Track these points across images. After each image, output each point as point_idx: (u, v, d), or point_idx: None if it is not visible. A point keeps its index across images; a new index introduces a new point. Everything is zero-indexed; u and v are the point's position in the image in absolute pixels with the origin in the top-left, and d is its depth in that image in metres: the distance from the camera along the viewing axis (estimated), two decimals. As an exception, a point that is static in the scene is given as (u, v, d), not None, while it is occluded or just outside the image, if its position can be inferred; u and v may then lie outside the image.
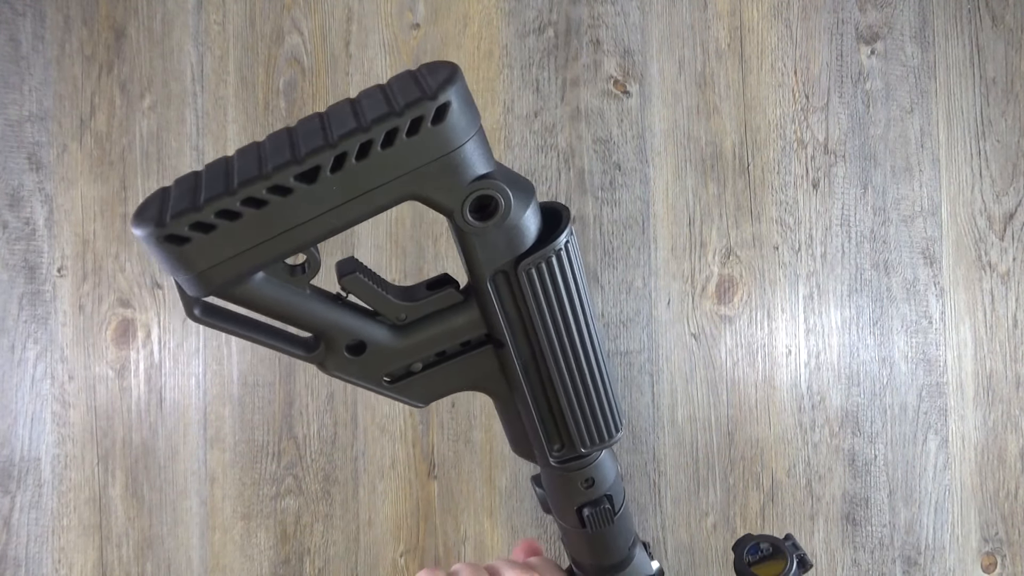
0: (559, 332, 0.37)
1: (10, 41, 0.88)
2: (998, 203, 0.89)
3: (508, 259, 0.34)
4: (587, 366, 0.38)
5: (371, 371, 0.36)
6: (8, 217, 0.88)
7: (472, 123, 0.31)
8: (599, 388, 0.39)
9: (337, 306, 0.35)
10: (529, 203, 0.34)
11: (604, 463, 0.44)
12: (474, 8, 0.89)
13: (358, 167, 0.28)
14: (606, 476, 0.44)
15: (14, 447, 0.87)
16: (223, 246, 0.28)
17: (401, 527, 0.87)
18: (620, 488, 0.45)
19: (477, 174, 0.31)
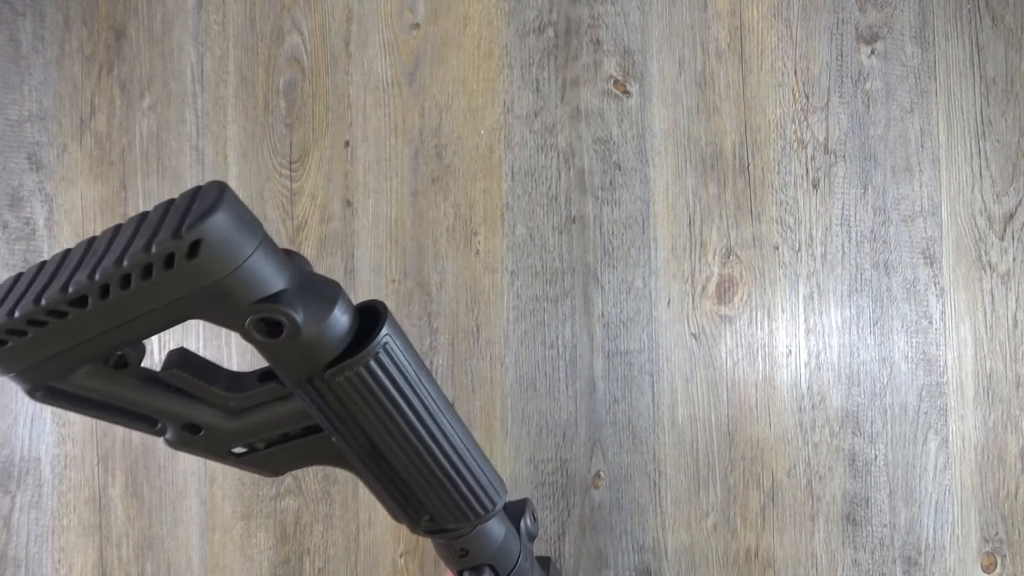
0: (390, 430, 0.37)
1: (10, 41, 0.88)
2: (998, 203, 0.89)
3: (312, 371, 0.34)
4: (432, 456, 0.38)
5: (213, 448, 0.37)
6: (8, 217, 0.88)
7: (243, 247, 0.30)
8: (453, 473, 0.40)
9: (166, 392, 0.35)
10: (327, 315, 0.33)
11: (481, 534, 0.44)
12: (474, 8, 0.89)
13: (130, 292, 0.29)
14: (483, 546, 0.45)
15: (14, 447, 0.87)
16: (38, 349, 0.30)
17: (401, 527, 0.87)
18: (508, 554, 0.46)
19: (257, 296, 0.31)
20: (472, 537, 0.44)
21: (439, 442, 0.38)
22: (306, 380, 0.34)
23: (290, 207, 0.89)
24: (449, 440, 0.39)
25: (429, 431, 0.38)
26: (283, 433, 0.38)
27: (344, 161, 0.88)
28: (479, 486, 0.41)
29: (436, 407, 0.38)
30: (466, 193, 0.88)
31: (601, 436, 0.87)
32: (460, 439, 0.40)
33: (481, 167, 0.88)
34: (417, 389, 0.37)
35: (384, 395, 0.35)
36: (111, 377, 0.33)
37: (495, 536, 0.45)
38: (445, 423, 0.39)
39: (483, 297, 0.87)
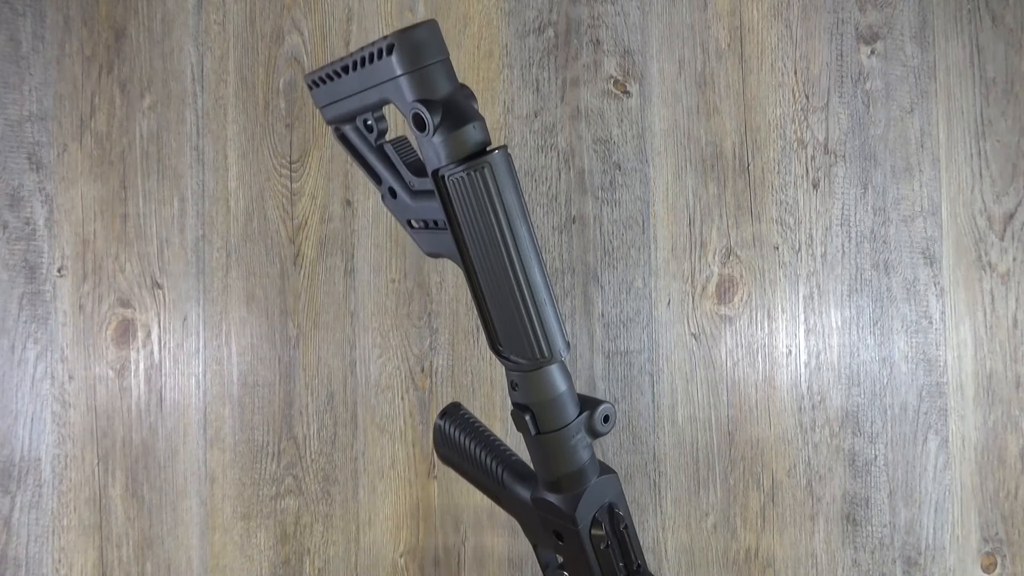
0: (476, 241, 0.45)
1: (10, 41, 0.88)
2: (998, 203, 0.89)
3: (437, 166, 0.44)
4: (506, 282, 0.45)
5: (399, 213, 0.51)
6: (8, 217, 0.88)
7: (419, 60, 0.43)
8: (520, 304, 0.45)
9: (383, 161, 0.51)
10: (458, 128, 0.44)
11: (532, 377, 0.48)
12: (474, 8, 0.89)
13: (361, 72, 0.46)
14: (530, 389, 0.48)
15: (14, 447, 0.87)
16: (328, 93, 0.50)
17: (401, 527, 0.87)
18: (553, 414, 0.49)
19: (420, 96, 0.43)
20: (524, 376, 0.48)
21: (515, 270, 0.45)
22: (435, 172, 0.45)
23: (290, 207, 0.89)
24: (525, 273, 0.45)
25: (508, 256, 0.44)
26: (434, 220, 0.49)
27: (344, 161, 0.88)
28: (541, 330, 0.46)
29: (521, 239, 0.45)
30: (466, 193, 0.88)
31: (601, 436, 0.86)
32: (536, 279, 0.45)
33: (481, 167, 0.88)
34: (507, 216, 0.44)
35: (478, 206, 0.44)
36: (361, 136, 0.51)
37: (545, 388, 0.48)
38: (526, 258, 0.45)
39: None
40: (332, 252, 0.88)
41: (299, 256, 0.88)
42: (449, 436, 0.61)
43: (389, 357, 0.87)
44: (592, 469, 0.51)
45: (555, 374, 0.48)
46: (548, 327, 0.46)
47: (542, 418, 0.49)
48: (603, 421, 0.50)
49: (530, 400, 0.49)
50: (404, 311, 0.88)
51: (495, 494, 0.59)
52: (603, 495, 0.52)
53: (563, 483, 0.51)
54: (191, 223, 0.88)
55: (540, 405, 0.49)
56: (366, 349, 0.87)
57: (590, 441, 0.50)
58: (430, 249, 0.51)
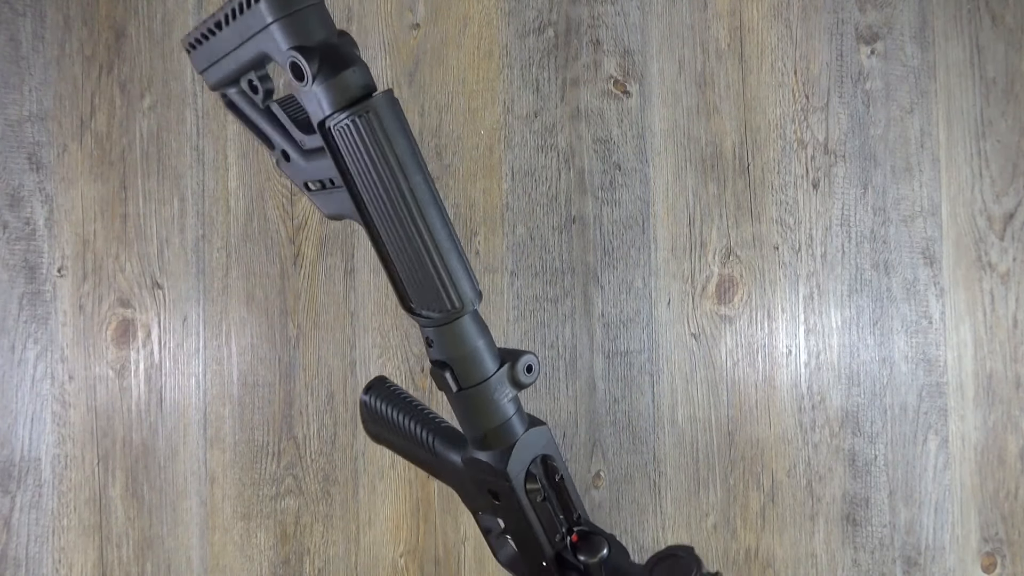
0: (371, 193, 0.43)
1: (10, 41, 0.88)
2: (998, 203, 0.89)
3: (321, 117, 0.42)
4: (404, 230, 0.43)
5: (296, 177, 0.48)
6: (8, 217, 0.88)
7: (293, 2, 0.41)
8: (423, 254, 0.43)
9: (272, 123, 0.48)
10: (336, 75, 0.42)
11: (446, 331, 0.46)
12: (474, 8, 0.89)
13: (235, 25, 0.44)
14: (444, 344, 0.47)
15: (14, 447, 0.87)
16: (206, 55, 0.47)
17: (401, 527, 0.87)
18: (472, 367, 0.47)
19: (295, 44, 0.42)
20: (437, 331, 0.46)
21: (413, 219, 0.43)
22: (321, 124, 0.42)
23: (290, 207, 0.89)
24: (424, 222, 0.43)
25: (405, 205, 0.42)
26: (329, 179, 0.46)
27: (344, 161, 0.88)
28: (448, 279, 0.44)
29: (417, 186, 0.43)
30: (466, 193, 0.88)
31: (601, 436, 0.87)
32: (437, 227, 0.43)
33: (481, 167, 0.88)
34: (399, 162, 0.42)
35: (367, 155, 0.42)
36: (247, 99, 0.48)
37: (461, 341, 0.47)
38: (424, 205, 0.43)
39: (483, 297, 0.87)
40: (332, 252, 0.88)
41: (299, 256, 0.88)
42: (376, 411, 0.59)
43: (389, 357, 0.87)
44: (520, 422, 0.50)
45: (469, 326, 0.47)
46: (455, 276, 0.44)
47: (462, 373, 0.48)
48: (526, 371, 0.48)
49: (447, 355, 0.47)
50: (404, 311, 0.88)
51: (429, 464, 0.58)
52: (534, 447, 0.50)
53: (491, 439, 0.50)
54: (191, 223, 0.88)
55: (458, 360, 0.47)
56: (366, 349, 0.87)
57: (515, 394, 0.49)
58: (330, 211, 0.48)
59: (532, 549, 0.53)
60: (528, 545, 0.53)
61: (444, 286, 0.44)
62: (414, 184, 0.43)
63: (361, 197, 0.44)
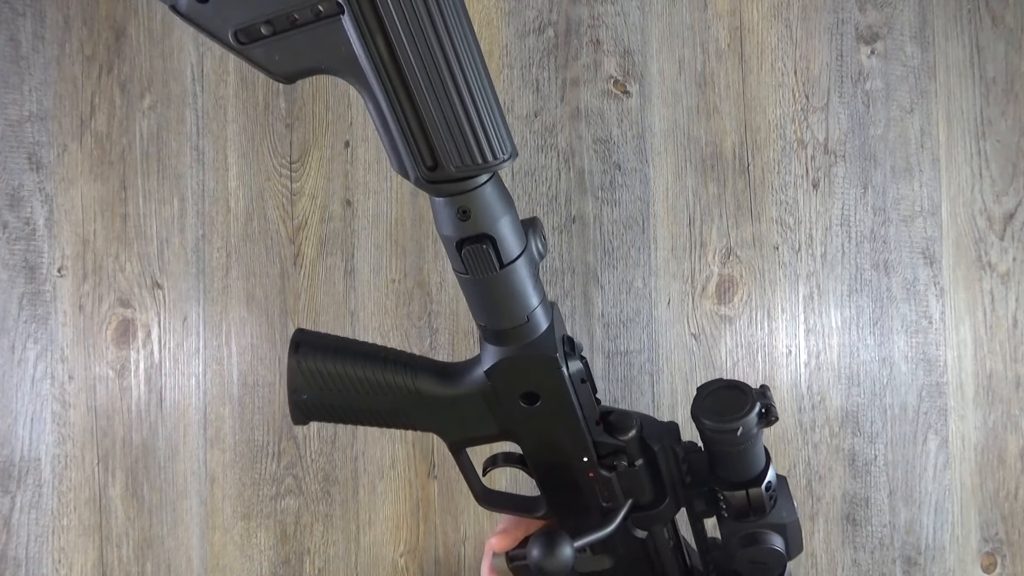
0: (404, 12, 0.32)
1: (10, 41, 0.88)
2: (998, 203, 0.89)
3: None
4: (447, 65, 0.34)
5: (217, 23, 0.33)
6: (8, 217, 0.88)
7: None
8: (464, 96, 0.34)
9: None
10: None
11: (486, 196, 0.38)
12: (474, 8, 0.89)
13: None
14: (487, 213, 0.38)
15: (14, 447, 0.87)
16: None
17: (401, 527, 0.87)
18: (513, 237, 0.40)
19: None
20: (476, 195, 0.38)
21: (459, 50, 0.33)
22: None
23: (290, 207, 0.89)
24: (470, 54, 0.34)
25: (451, 34, 0.33)
26: (291, 17, 0.33)
27: (344, 161, 0.88)
28: (493, 126, 0.36)
29: (464, 25, 0.33)
30: (466, 193, 0.88)
31: (601, 436, 0.86)
32: (482, 72, 0.35)
33: (481, 167, 0.88)
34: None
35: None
36: None
37: (500, 205, 0.39)
38: (470, 47, 0.34)
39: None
40: (332, 252, 0.88)
41: (299, 256, 0.88)
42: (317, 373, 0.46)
43: (389, 357, 0.87)
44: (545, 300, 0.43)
45: (503, 188, 0.39)
46: (500, 126, 0.36)
47: (504, 244, 0.39)
48: (542, 240, 0.42)
49: (489, 225, 0.39)
50: (404, 311, 0.88)
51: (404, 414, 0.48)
52: (560, 326, 0.45)
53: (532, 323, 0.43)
54: (191, 223, 0.88)
55: (500, 229, 0.39)
56: (366, 349, 0.87)
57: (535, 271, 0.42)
58: (295, 66, 0.34)
59: (571, 448, 0.47)
60: (564, 446, 0.47)
61: (489, 133, 0.35)
62: (464, 22, 0.33)
63: (378, 28, 0.33)
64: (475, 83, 0.34)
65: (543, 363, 0.44)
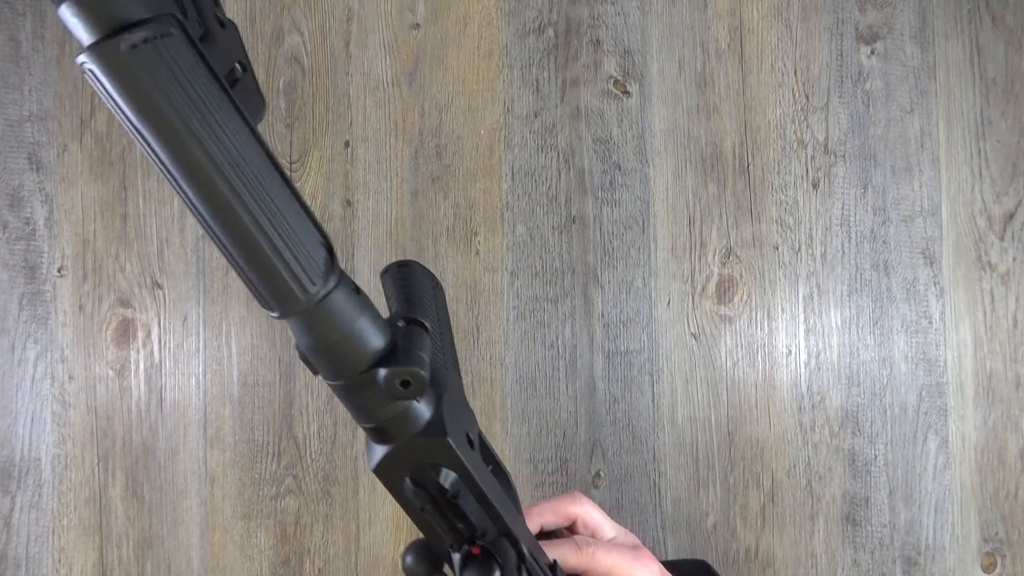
0: (151, 156, 0.29)
1: (10, 41, 0.88)
2: (998, 203, 0.89)
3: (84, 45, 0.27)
4: (202, 189, 0.29)
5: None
6: (8, 217, 0.88)
7: None
8: (236, 228, 0.30)
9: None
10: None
11: (300, 324, 0.34)
12: (474, 8, 0.89)
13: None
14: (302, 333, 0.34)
15: (14, 447, 0.87)
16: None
17: (401, 527, 0.87)
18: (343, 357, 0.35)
19: None
20: (292, 321, 0.33)
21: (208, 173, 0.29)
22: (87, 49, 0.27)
23: (290, 207, 0.88)
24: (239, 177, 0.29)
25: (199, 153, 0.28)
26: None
27: (344, 161, 0.88)
28: (281, 262, 0.31)
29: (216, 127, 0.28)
30: (466, 193, 0.88)
31: (601, 436, 0.87)
32: (256, 185, 0.30)
33: (481, 167, 0.88)
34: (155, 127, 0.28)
35: (115, 108, 0.28)
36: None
37: (325, 330, 0.34)
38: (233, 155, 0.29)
39: (483, 297, 0.87)
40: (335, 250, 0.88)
41: (299, 256, 0.88)
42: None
43: (389, 357, 0.87)
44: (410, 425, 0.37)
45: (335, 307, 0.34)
46: (291, 254, 0.32)
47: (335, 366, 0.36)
48: (401, 386, 0.35)
49: (311, 352, 0.35)
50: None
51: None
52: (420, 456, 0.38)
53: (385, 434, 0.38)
54: (191, 223, 0.88)
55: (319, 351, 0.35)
56: (366, 349, 0.87)
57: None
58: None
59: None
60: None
61: (266, 277, 0.31)
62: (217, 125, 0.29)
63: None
64: (241, 213, 0.30)
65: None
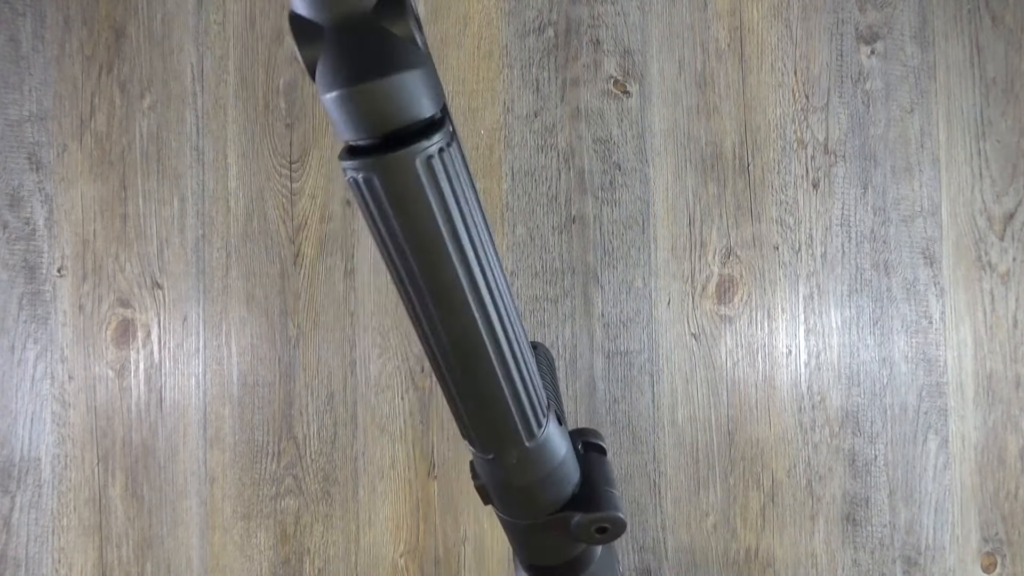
0: (404, 276, 0.28)
1: (10, 41, 0.88)
2: (998, 203, 0.89)
3: (343, 140, 0.25)
4: (451, 339, 0.29)
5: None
6: (8, 217, 0.88)
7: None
8: (477, 377, 0.29)
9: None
10: (358, 81, 0.22)
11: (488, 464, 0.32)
12: (474, 8, 0.89)
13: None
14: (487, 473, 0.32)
15: (14, 447, 0.87)
16: None
17: (401, 527, 0.87)
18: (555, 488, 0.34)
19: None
20: (501, 459, 0.31)
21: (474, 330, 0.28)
22: (341, 156, 0.26)
23: (290, 207, 0.89)
24: (494, 335, 0.28)
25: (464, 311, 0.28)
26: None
27: (344, 161, 0.88)
28: (517, 410, 0.29)
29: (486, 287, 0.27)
30: (466, 193, 0.88)
31: (601, 436, 0.86)
32: (504, 339, 0.28)
33: (481, 167, 0.88)
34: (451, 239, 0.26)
35: (373, 227, 0.26)
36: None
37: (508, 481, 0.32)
38: (489, 315, 0.28)
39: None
40: (332, 252, 0.88)
41: (299, 256, 0.88)
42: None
43: (389, 357, 0.87)
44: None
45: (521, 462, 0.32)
46: (525, 402, 0.30)
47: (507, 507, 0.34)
48: (597, 532, 0.34)
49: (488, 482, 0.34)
50: (404, 311, 0.88)
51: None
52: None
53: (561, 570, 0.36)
54: (191, 223, 0.88)
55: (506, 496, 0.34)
56: (366, 349, 0.87)
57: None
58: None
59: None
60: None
61: (518, 410, 0.30)
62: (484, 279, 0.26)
63: (396, 280, 0.29)
64: (493, 364, 0.29)
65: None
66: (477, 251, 0.27)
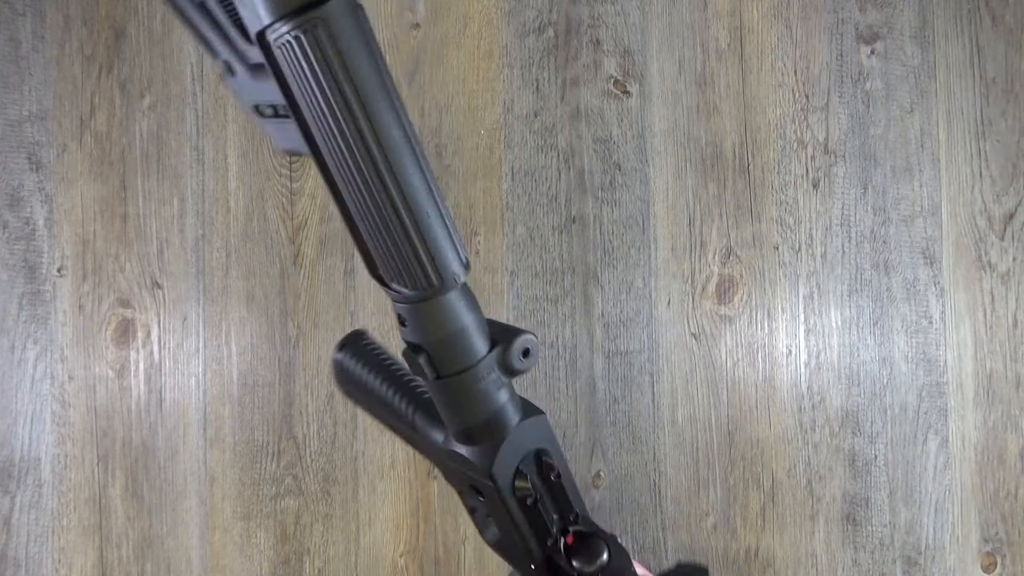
0: (324, 133, 0.33)
1: (10, 41, 0.88)
2: (998, 203, 0.89)
3: (259, 26, 0.31)
4: (368, 185, 0.33)
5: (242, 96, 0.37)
6: (8, 217, 0.88)
7: None
8: (393, 222, 0.34)
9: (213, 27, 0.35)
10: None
11: (421, 310, 0.37)
12: (474, 8, 0.89)
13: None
14: (418, 326, 0.38)
15: (14, 447, 0.87)
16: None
17: (401, 527, 0.87)
18: (451, 354, 0.39)
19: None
20: (411, 309, 0.37)
21: (378, 171, 0.33)
22: (259, 36, 0.31)
23: (290, 207, 0.89)
24: (393, 175, 0.33)
25: (368, 152, 0.32)
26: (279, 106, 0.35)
27: (344, 161, 0.88)
28: (425, 251, 0.35)
29: (384, 128, 0.32)
30: (466, 193, 0.88)
31: (601, 436, 0.87)
32: (409, 181, 0.33)
33: (481, 167, 0.88)
34: (360, 94, 0.31)
35: (315, 82, 0.31)
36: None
37: (440, 323, 0.38)
38: (394, 153, 0.33)
39: (483, 297, 0.87)
40: (332, 252, 0.88)
41: (299, 256, 0.88)
42: (351, 372, 0.50)
43: (389, 357, 0.87)
44: (512, 412, 0.42)
45: (451, 304, 0.38)
46: (434, 246, 0.35)
47: (440, 358, 0.39)
48: (521, 356, 0.40)
49: (422, 338, 0.38)
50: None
51: (408, 438, 0.50)
52: (526, 443, 0.43)
53: (476, 434, 0.42)
54: (191, 223, 0.88)
55: (436, 343, 0.39)
56: (366, 349, 0.87)
57: (507, 380, 0.41)
58: (286, 145, 0.37)
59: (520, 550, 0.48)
60: (516, 546, 0.48)
61: (419, 258, 0.35)
62: (380, 125, 0.32)
63: (312, 136, 0.34)
64: (406, 212, 0.34)
65: (479, 473, 0.44)
66: (393, 96, 0.33)
